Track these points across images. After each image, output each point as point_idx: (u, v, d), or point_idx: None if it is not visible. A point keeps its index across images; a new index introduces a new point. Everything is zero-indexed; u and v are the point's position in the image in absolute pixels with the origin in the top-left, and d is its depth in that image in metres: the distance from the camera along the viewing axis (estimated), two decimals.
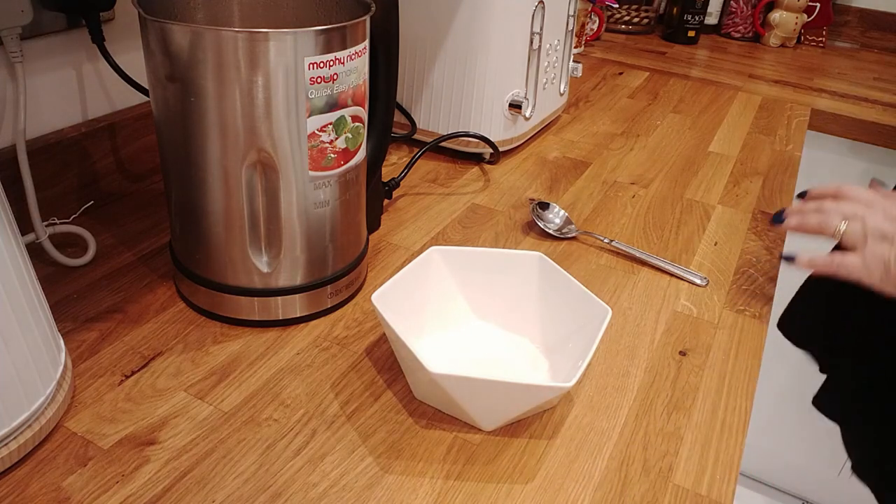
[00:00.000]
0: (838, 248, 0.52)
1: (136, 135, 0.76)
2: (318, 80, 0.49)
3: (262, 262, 0.55)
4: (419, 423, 0.50)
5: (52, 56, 0.68)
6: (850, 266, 0.49)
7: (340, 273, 0.59)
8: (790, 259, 0.54)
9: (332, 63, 0.50)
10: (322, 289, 0.58)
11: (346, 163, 0.55)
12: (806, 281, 0.73)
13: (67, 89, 0.71)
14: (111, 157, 0.74)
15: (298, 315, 0.58)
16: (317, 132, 0.51)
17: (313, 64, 0.49)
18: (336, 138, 0.53)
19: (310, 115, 0.50)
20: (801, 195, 0.57)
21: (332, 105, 0.51)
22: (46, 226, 0.64)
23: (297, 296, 0.57)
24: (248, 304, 0.57)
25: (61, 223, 0.68)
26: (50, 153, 0.68)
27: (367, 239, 0.64)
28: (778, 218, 0.56)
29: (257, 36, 0.47)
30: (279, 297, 0.57)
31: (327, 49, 0.49)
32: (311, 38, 0.48)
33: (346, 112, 0.52)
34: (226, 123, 0.50)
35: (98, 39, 0.67)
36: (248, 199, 0.53)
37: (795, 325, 0.76)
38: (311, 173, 0.53)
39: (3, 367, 0.42)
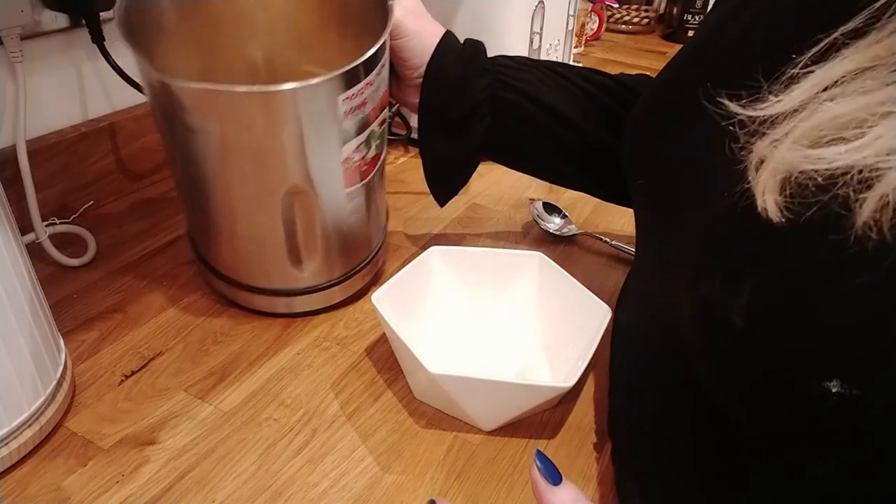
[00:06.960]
0: None
1: (136, 135, 0.76)
2: (351, 110, 0.48)
3: (298, 274, 0.56)
4: (419, 423, 0.50)
5: (52, 56, 0.68)
6: None
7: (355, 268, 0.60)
8: None
9: (362, 90, 0.48)
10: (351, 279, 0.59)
11: (373, 168, 0.54)
12: None
13: (67, 89, 0.71)
14: (111, 157, 0.74)
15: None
16: (350, 155, 0.51)
17: (346, 98, 0.47)
18: (367, 152, 0.52)
19: (344, 144, 0.50)
20: None
21: (363, 125, 0.50)
22: (46, 226, 0.64)
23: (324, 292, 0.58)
24: (268, 302, 0.58)
25: (61, 223, 0.68)
26: (50, 153, 0.68)
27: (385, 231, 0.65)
28: None
29: (285, 94, 0.44)
30: (306, 296, 0.58)
31: (357, 80, 0.47)
32: (343, 80, 0.46)
33: (375, 124, 0.52)
34: (256, 172, 0.49)
35: (98, 39, 0.67)
36: (285, 223, 0.52)
37: None
38: (346, 190, 0.52)
39: (3, 367, 0.42)
